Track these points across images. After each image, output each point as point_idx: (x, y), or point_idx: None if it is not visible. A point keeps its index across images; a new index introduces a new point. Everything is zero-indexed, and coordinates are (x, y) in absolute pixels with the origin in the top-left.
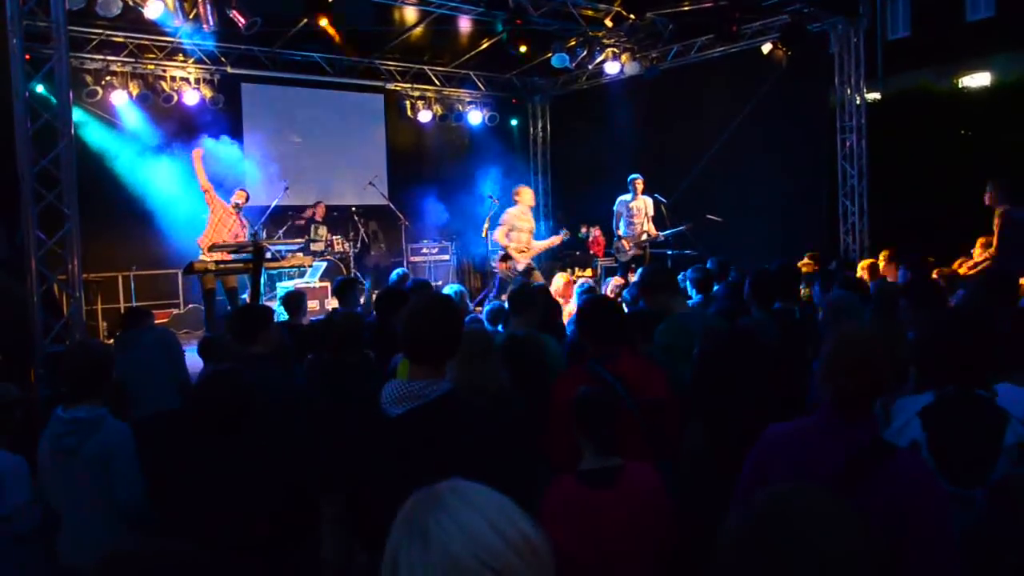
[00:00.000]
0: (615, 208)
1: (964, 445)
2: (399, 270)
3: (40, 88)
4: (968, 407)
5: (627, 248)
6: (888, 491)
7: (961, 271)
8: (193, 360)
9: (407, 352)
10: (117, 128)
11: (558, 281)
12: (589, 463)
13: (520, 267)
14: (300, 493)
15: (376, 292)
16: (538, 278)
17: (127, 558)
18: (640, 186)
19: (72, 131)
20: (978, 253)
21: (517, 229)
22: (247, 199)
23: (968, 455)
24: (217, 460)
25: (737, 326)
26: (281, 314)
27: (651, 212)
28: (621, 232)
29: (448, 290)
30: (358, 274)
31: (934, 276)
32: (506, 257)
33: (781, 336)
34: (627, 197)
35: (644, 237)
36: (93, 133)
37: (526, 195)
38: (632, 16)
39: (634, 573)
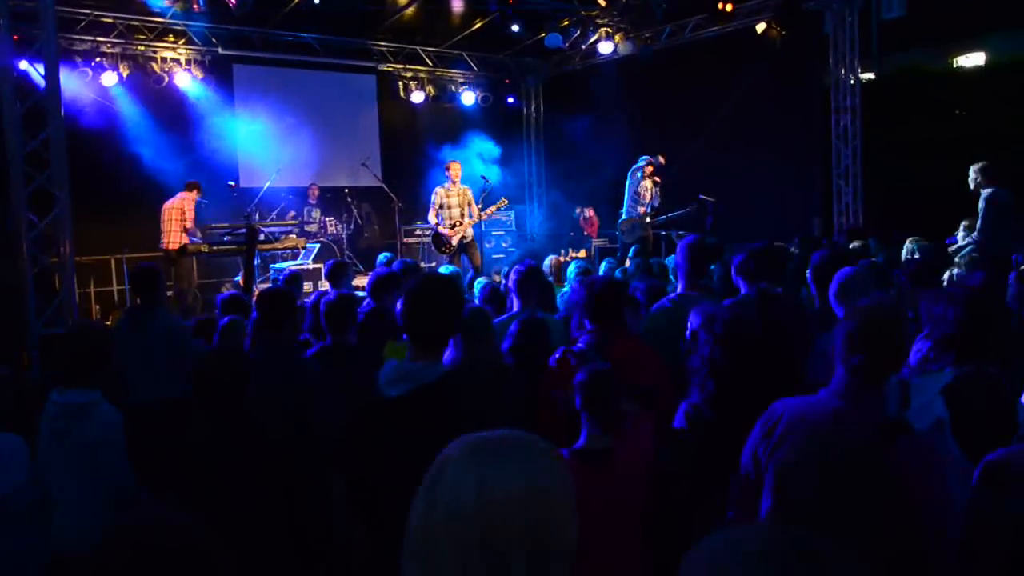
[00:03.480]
0: (628, 181)
1: (985, 423)
2: (384, 254)
3: (28, 68)
4: (986, 385)
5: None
6: (904, 465)
7: None
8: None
9: (407, 334)
10: (107, 110)
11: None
12: (589, 442)
13: (455, 241)
14: (301, 472)
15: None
16: (474, 251)
17: (130, 531)
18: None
19: (61, 112)
20: (961, 237)
21: (447, 207)
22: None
23: (988, 433)
24: (216, 440)
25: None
26: None
27: (655, 192)
28: (624, 212)
29: (442, 271)
30: (350, 255)
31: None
32: (438, 236)
33: (764, 316)
34: (640, 176)
35: (647, 219)
36: (83, 115)
37: (454, 170)
38: None
39: (617, 547)
